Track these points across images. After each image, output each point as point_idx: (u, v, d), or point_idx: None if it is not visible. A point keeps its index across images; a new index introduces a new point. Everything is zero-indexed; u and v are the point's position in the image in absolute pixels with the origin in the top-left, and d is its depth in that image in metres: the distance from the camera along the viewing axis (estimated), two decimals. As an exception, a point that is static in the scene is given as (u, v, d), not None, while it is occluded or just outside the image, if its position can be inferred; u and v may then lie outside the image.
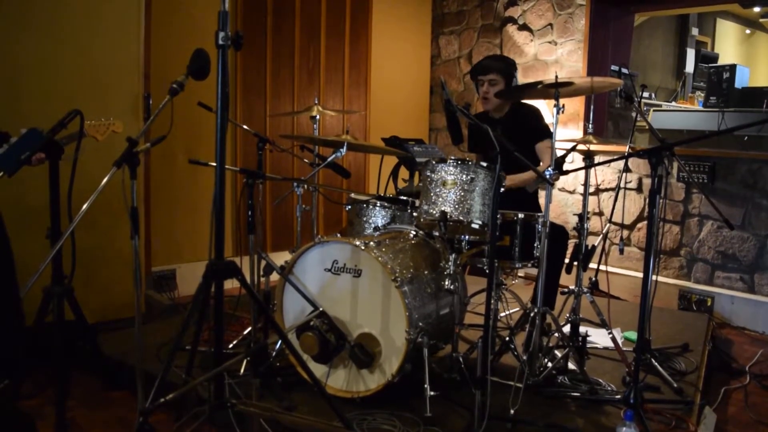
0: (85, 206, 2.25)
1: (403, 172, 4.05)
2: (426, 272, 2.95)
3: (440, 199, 2.83)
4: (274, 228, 5.11)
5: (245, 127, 3.44)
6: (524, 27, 5.78)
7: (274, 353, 3.01)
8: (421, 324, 2.75)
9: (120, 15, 3.82)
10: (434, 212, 2.82)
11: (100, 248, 3.77)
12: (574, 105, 5.31)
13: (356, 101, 5.67)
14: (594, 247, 3.34)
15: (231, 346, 3.33)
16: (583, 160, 3.32)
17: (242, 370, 2.97)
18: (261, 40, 4.95)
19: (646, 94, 6.51)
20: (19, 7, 3.47)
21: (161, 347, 3.37)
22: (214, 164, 2.22)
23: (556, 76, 2.96)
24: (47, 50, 3.57)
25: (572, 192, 5.44)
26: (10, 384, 2.43)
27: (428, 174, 2.91)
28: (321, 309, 2.77)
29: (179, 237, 4.53)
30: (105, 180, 2.30)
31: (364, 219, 3.34)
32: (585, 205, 3.36)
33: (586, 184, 3.42)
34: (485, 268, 3.06)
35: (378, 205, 3.32)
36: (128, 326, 3.73)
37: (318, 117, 3.73)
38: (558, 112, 2.96)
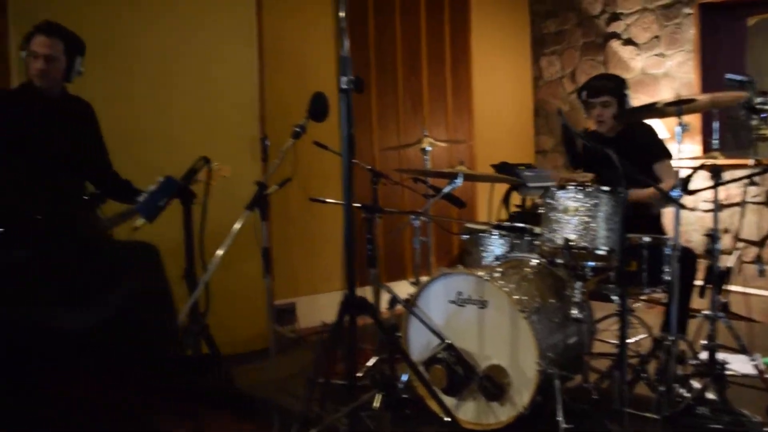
0: (220, 252, 2.36)
1: (515, 198, 4.01)
2: (552, 301, 2.90)
3: (563, 226, 2.78)
4: (386, 259, 5.17)
5: (368, 166, 3.48)
6: (629, 41, 5.63)
7: (401, 386, 3.02)
8: (549, 354, 2.69)
9: (236, 60, 4.02)
10: (557, 240, 2.78)
11: (227, 283, 3.93)
12: (688, 117, 5.09)
13: (460, 128, 5.68)
14: (729, 269, 3.17)
15: (359, 375, 3.37)
16: (711, 177, 3.17)
17: (376, 403, 2.98)
18: (364, 74, 5.06)
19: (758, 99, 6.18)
20: (137, 57, 3.72)
21: (289, 379, 3.46)
22: (335, 201, 2.28)
23: (679, 96, 2.86)
24: (163, 97, 3.80)
25: (693, 209, 5.20)
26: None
27: (549, 201, 2.87)
28: (448, 341, 2.77)
29: (297, 271, 4.67)
30: (238, 225, 2.42)
31: (482, 248, 3.33)
32: (716, 224, 3.20)
33: (715, 202, 3.26)
34: (608, 293, 2.97)
35: (496, 233, 3.29)
36: (254, 359, 3.88)
37: (429, 149, 3.77)
38: (682, 131, 2.86)
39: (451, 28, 5.65)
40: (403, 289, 3.02)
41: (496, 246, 3.31)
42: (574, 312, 2.75)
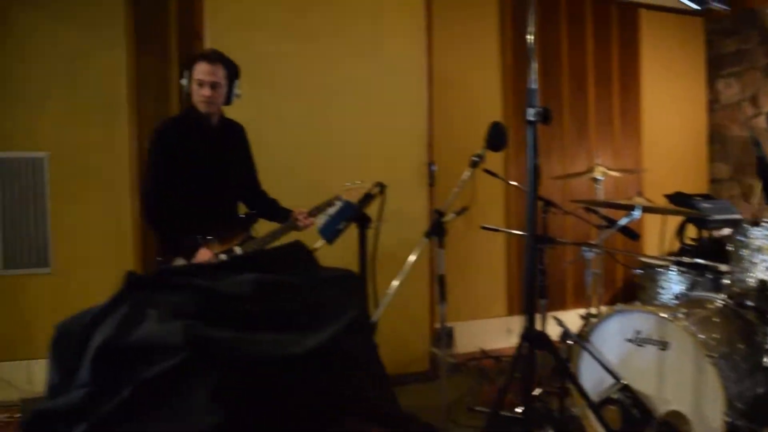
0: (396, 282, 2.41)
1: (690, 230, 3.78)
2: (740, 346, 2.70)
3: (756, 266, 2.59)
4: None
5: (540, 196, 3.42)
6: (822, 63, 5.16)
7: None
8: (737, 404, 2.50)
9: (405, 88, 4.12)
10: (749, 280, 2.59)
11: (392, 304, 4.01)
12: None
13: (628, 155, 5.46)
14: None
15: (519, 411, 3.32)
16: None
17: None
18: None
19: None
20: (307, 84, 3.93)
21: (450, 406, 3.46)
22: (508, 230, 2.26)
23: None
24: (334, 123, 3.97)
25: None
26: None
27: (739, 238, 2.68)
28: (624, 382, 2.65)
29: (455, 295, 4.67)
30: (416, 253, 2.47)
31: (659, 284, 3.17)
32: None
33: None
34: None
35: (674, 269, 3.12)
36: (412, 381, 3.92)
37: (601, 178, 3.65)
38: None
39: (619, 48, 5.45)
40: (566, 320, 2.94)
41: (674, 282, 3.13)
42: (766, 360, 2.55)
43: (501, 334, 4.76)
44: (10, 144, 3.75)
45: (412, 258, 2.43)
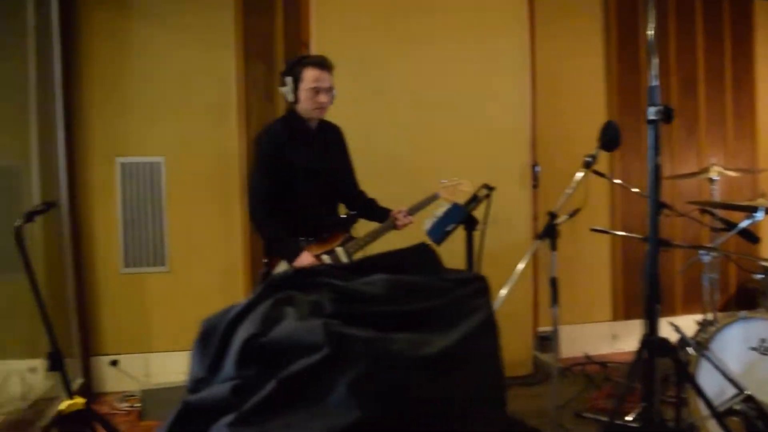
0: (504, 291, 2.39)
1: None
2: None
3: None
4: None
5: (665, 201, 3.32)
6: None
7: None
8: None
9: (508, 89, 4.09)
10: None
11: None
12: None
13: (742, 154, 5.18)
14: None
15: (629, 418, 3.21)
16: None
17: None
18: (635, 96, 4.84)
19: None
20: (407, 85, 3.98)
21: (556, 410, 3.40)
22: (619, 233, 2.19)
23: None
24: (437, 124, 4.00)
25: None
26: None
27: None
28: (748, 392, 2.52)
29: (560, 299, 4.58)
30: (527, 256, 2.44)
31: (783, 290, 2.99)
32: None
33: None
34: None
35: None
36: (516, 385, 3.88)
37: (717, 178, 3.49)
38: None
39: (732, 43, 5.18)
40: (679, 326, 2.82)
41: (801, 289, 2.95)
42: None
43: (605, 339, 4.63)
44: (129, 149, 3.98)
45: (520, 266, 2.40)
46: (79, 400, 3.06)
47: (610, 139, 2.56)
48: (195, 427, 1.20)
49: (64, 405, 3.04)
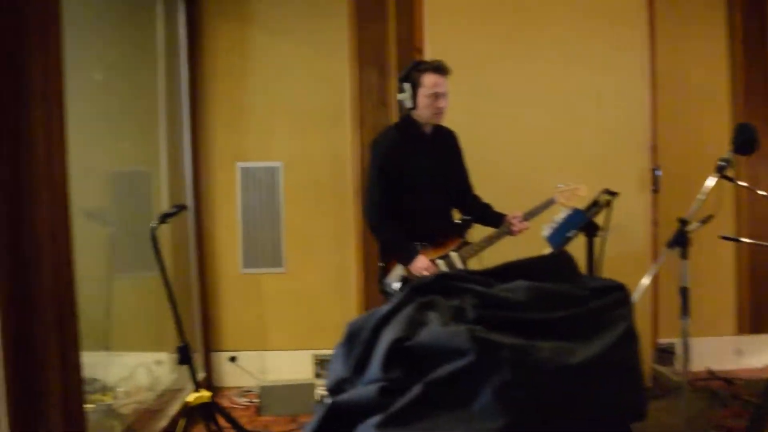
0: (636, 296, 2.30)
1: None
2: None
3: None
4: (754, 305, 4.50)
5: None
6: None
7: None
8: None
9: (627, 91, 3.95)
10: None
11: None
12: None
13: None
14: None
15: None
16: None
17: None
18: (761, 100, 4.54)
19: None
20: (517, 87, 3.92)
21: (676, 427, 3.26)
22: (747, 240, 2.07)
23: None
24: (552, 126, 3.91)
25: None
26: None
27: None
28: None
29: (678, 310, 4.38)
30: (657, 264, 2.36)
31: None
32: None
33: None
34: None
35: None
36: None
37: None
38: None
39: None
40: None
41: None
42: None
43: (729, 354, 4.38)
44: (249, 155, 4.15)
45: (646, 280, 2.31)
46: (206, 393, 3.22)
47: (745, 142, 2.43)
48: (341, 426, 1.23)
49: (191, 397, 3.20)
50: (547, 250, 2.78)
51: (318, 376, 4.18)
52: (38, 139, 2.26)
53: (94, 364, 3.33)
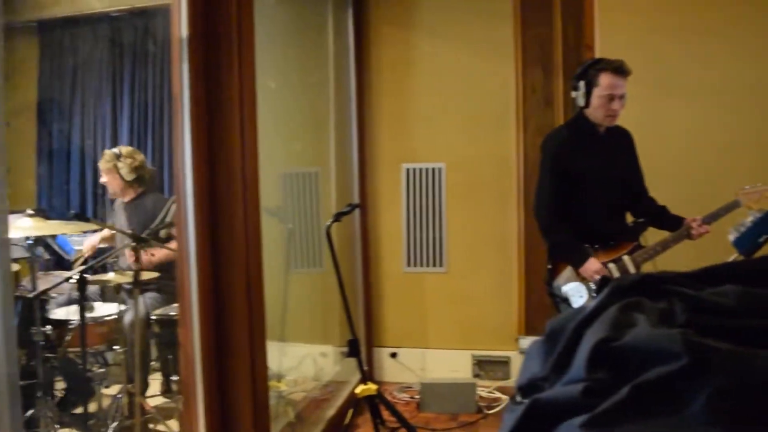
0: None
1: None
2: None
3: None
4: None
5: None
6: None
7: None
8: None
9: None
10: None
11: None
12: None
13: None
14: None
15: None
16: None
17: None
18: None
19: None
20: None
21: None
22: None
23: None
24: (729, 124, 3.69)
25: None
26: None
27: None
28: None
29: None
30: None
31: None
32: None
33: None
34: None
35: None
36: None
37: None
38: None
39: None
40: None
41: None
42: None
43: None
44: (414, 156, 4.24)
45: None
46: (372, 386, 3.33)
47: None
48: (540, 424, 1.23)
49: (359, 389, 3.32)
50: (734, 256, 2.60)
51: (477, 376, 4.19)
52: (235, 142, 2.45)
53: (269, 353, 3.56)
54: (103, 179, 3.81)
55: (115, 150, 3.82)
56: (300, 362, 4.03)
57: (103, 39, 5.09)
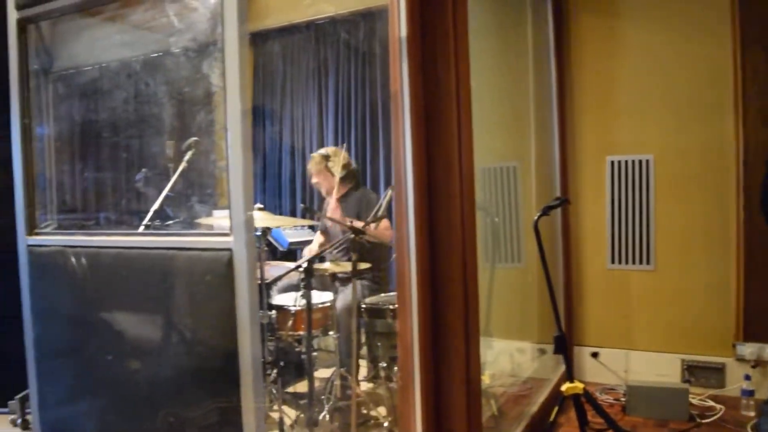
0: None
1: None
2: None
3: None
4: None
5: None
6: None
7: None
8: None
9: None
10: None
11: None
12: None
13: None
14: None
15: None
16: None
17: None
18: None
19: None
20: None
21: None
22: None
23: None
24: None
25: None
26: None
27: None
28: None
29: None
30: None
31: None
32: None
33: None
34: None
35: None
36: None
37: None
38: None
39: None
40: None
41: None
42: None
43: None
44: (619, 148, 4.07)
45: None
46: (579, 385, 3.25)
47: None
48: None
49: (564, 386, 3.26)
50: None
51: (686, 382, 3.93)
52: (452, 136, 2.50)
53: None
54: (314, 180, 4.07)
55: (323, 151, 4.07)
56: (498, 357, 4.03)
57: (308, 46, 5.43)
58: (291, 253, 4.75)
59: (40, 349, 2.65)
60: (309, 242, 4.42)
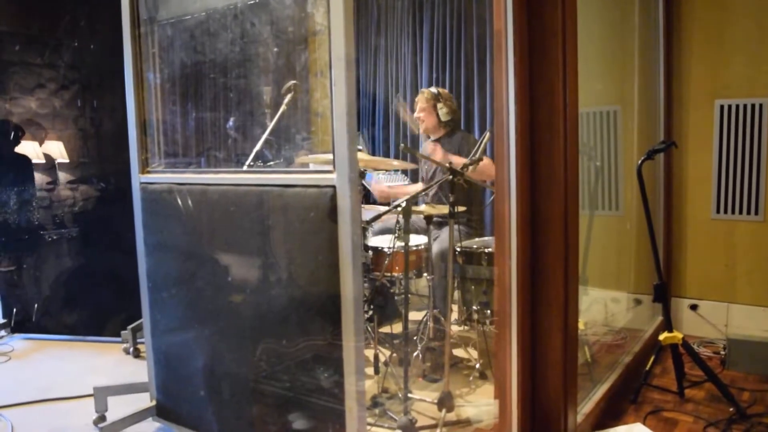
0: None
1: None
2: None
3: None
4: None
5: None
6: None
7: None
8: None
9: None
10: None
11: None
12: None
13: None
14: None
15: None
16: None
17: None
18: None
19: None
20: None
21: None
22: None
23: None
24: None
25: None
26: None
27: None
28: None
29: None
30: None
31: None
32: None
33: None
34: None
35: None
36: None
37: None
38: None
39: None
40: None
41: None
42: None
43: None
44: (730, 92, 3.85)
45: None
46: (678, 335, 3.18)
47: None
48: None
49: (662, 336, 3.20)
50: None
51: (790, 337, 3.76)
52: (557, 77, 2.43)
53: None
54: (419, 114, 4.03)
55: (433, 90, 4.01)
56: (592, 305, 3.97)
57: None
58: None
59: (152, 280, 2.79)
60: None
